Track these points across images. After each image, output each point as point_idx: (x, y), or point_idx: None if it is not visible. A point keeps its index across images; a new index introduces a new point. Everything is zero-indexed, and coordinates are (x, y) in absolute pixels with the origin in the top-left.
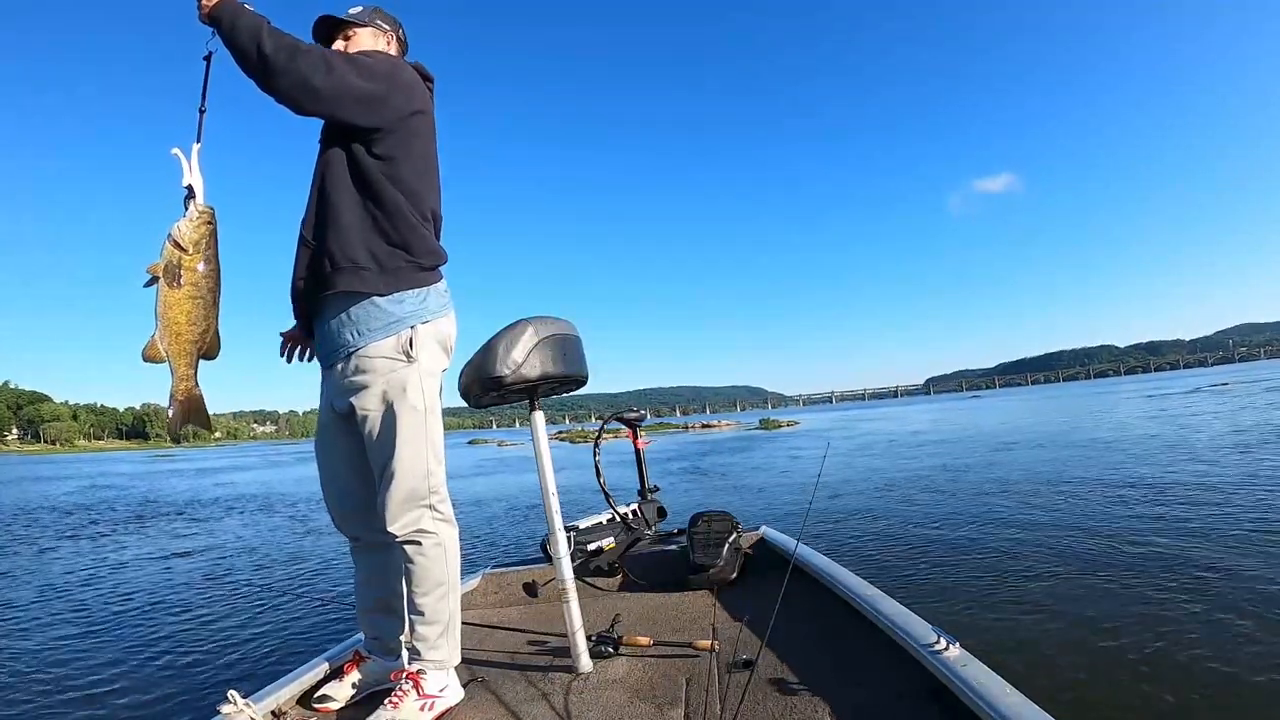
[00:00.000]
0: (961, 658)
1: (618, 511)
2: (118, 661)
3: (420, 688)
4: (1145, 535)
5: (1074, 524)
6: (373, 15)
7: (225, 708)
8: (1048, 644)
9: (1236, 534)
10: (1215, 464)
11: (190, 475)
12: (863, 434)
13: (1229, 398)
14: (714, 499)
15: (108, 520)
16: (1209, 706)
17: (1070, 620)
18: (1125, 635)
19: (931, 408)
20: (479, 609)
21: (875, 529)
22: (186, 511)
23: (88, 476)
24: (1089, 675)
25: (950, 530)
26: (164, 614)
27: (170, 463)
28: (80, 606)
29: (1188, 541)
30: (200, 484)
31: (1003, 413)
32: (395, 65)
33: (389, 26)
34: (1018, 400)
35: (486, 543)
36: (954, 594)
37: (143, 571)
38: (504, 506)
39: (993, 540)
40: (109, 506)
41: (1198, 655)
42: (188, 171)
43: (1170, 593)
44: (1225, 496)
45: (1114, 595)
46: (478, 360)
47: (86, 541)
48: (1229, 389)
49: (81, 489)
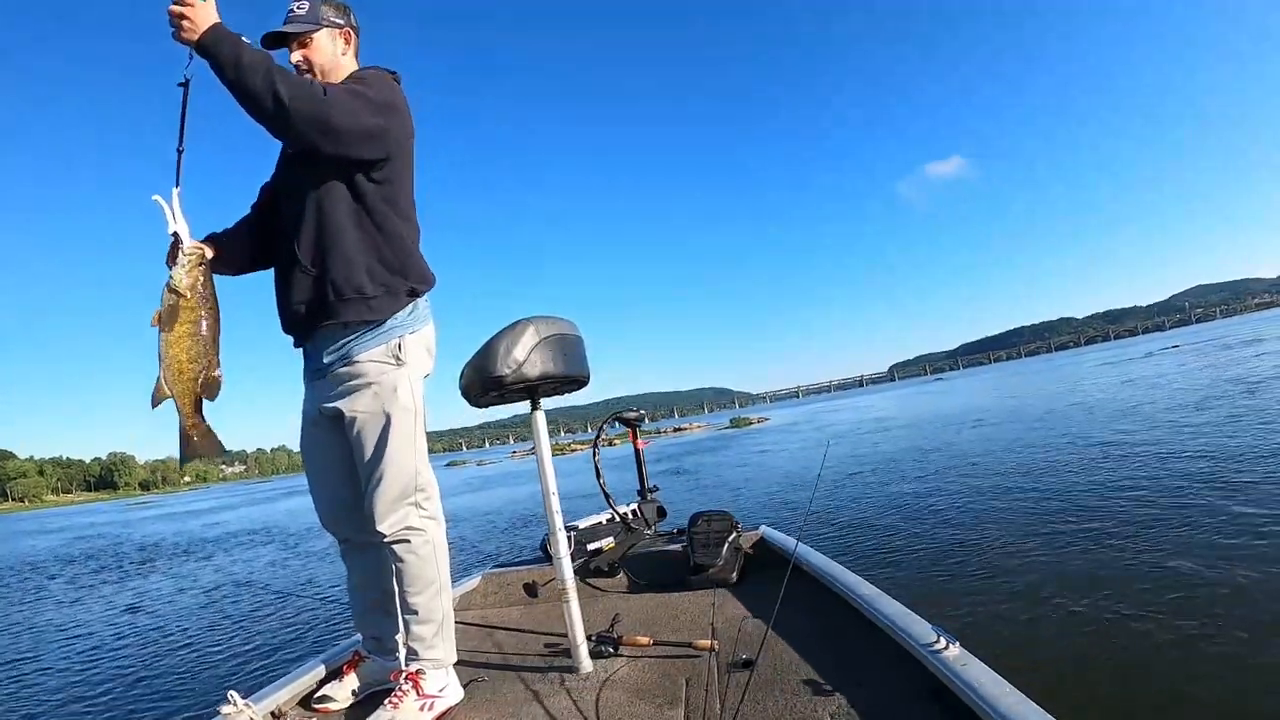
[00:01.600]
0: (961, 657)
1: (618, 511)
2: (120, 662)
3: (420, 688)
4: (1145, 535)
5: (1074, 524)
6: (321, 11)
7: (225, 708)
8: (1048, 644)
9: (1230, 519)
10: (1194, 436)
11: (181, 518)
12: (832, 424)
13: (1183, 357)
14: (712, 499)
15: (114, 564)
16: (1209, 705)
17: (1070, 620)
18: (1126, 635)
19: (893, 394)
20: (479, 609)
21: (875, 528)
22: (194, 551)
23: (76, 528)
24: (1089, 675)
25: (950, 530)
26: (165, 616)
27: (155, 509)
28: (84, 615)
29: (1186, 540)
30: (192, 525)
31: (965, 396)
32: (392, 91)
33: (341, 20)
34: (979, 380)
35: (486, 543)
36: (954, 593)
37: (147, 596)
38: (501, 514)
39: (992, 540)
40: (108, 553)
41: (1198, 654)
42: (171, 219)
43: (1171, 592)
44: (1221, 481)
45: (1114, 595)
46: (478, 360)
47: (93, 582)
48: (1180, 350)
49: (71, 540)
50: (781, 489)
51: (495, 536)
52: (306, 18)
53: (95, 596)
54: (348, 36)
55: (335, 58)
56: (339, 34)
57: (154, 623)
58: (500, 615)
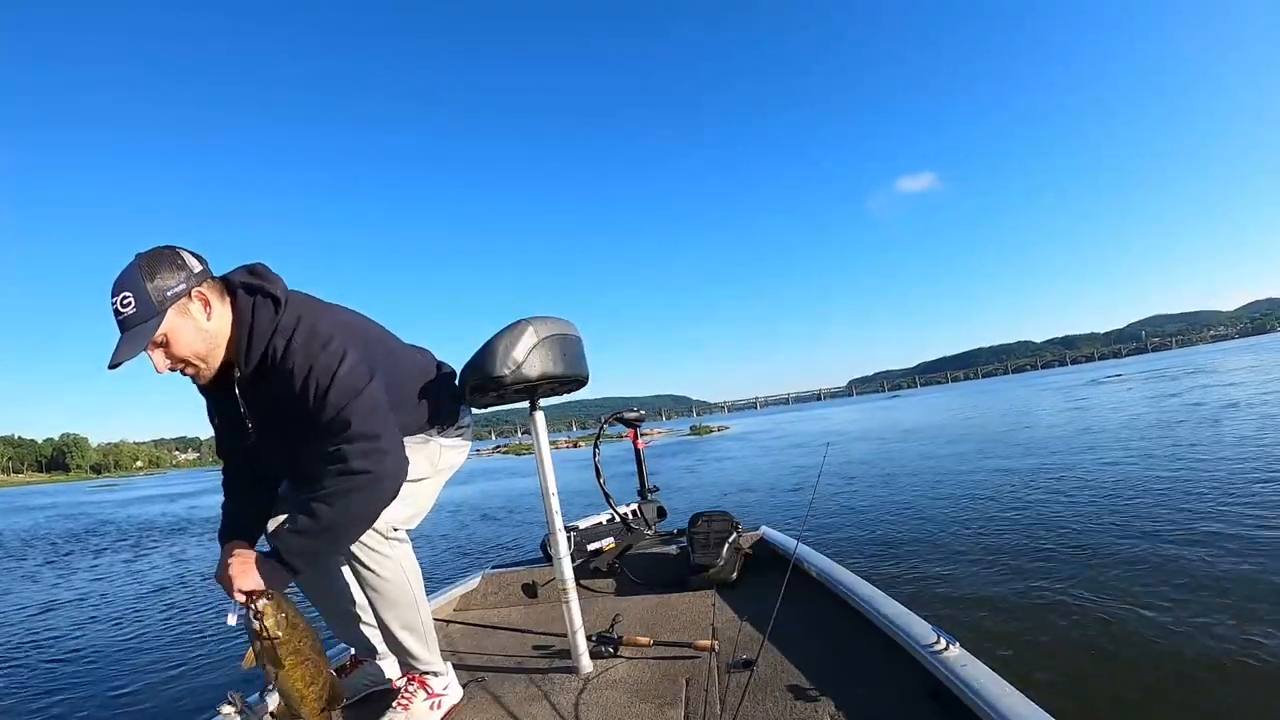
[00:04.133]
0: (961, 658)
1: (617, 512)
2: (120, 662)
3: (427, 686)
4: (1144, 532)
5: (1074, 523)
6: (151, 292)
7: (225, 708)
8: (1048, 644)
9: (1230, 521)
10: (1178, 453)
11: (162, 501)
12: (793, 433)
13: (1118, 387)
14: (712, 499)
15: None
16: (1209, 704)
17: (1070, 620)
18: (1125, 634)
19: (853, 409)
20: (479, 609)
21: (875, 529)
22: (186, 530)
23: (54, 507)
24: (1089, 674)
25: (950, 531)
26: (165, 615)
27: (126, 491)
28: (83, 613)
29: (1184, 538)
30: (174, 508)
31: (918, 411)
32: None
33: (183, 283)
34: (935, 397)
35: (486, 543)
36: (954, 594)
37: (144, 581)
38: (499, 512)
39: (992, 541)
40: (91, 533)
41: (1198, 654)
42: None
43: (1171, 592)
44: (1211, 489)
45: (1114, 595)
46: (477, 360)
47: (89, 560)
48: (1123, 379)
49: (54, 518)
50: (787, 493)
51: (492, 532)
52: (141, 313)
53: (69, 586)
54: (203, 297)
55: (203, 331)
56: (191, 300)
57: (154, 621)
58: (500, 615)
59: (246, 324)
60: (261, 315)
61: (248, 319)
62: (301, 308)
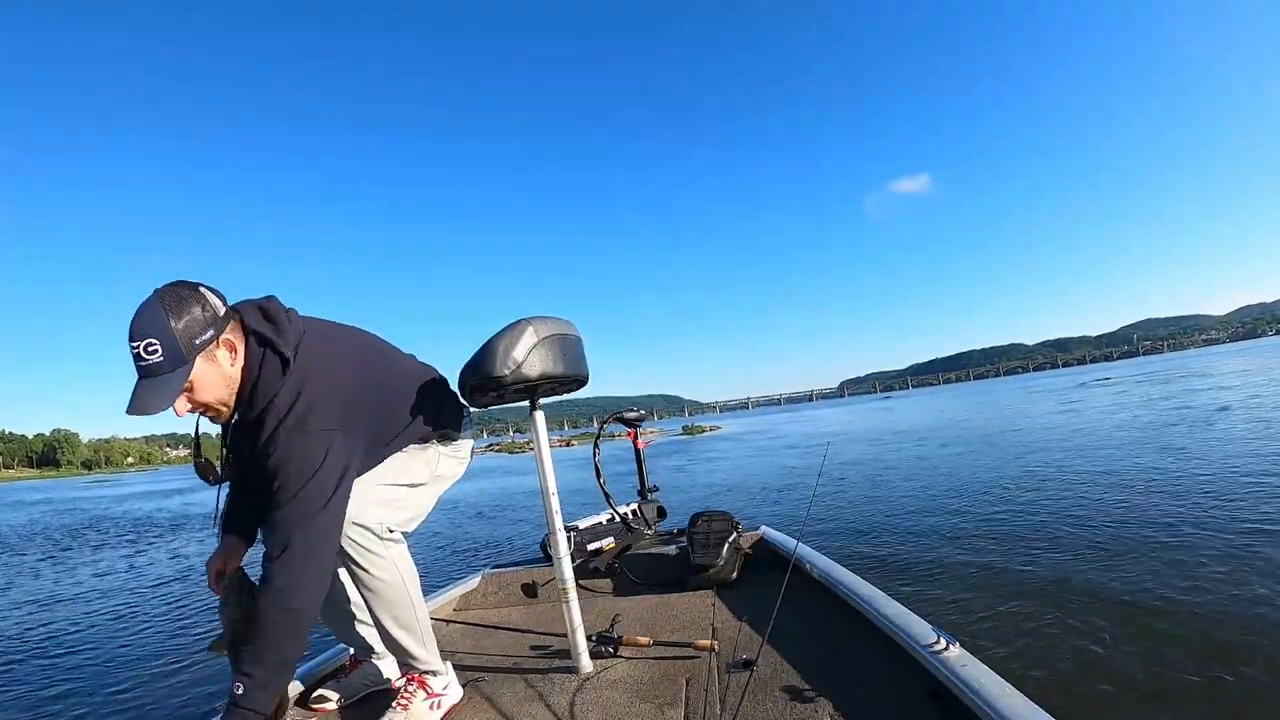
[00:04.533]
0: (961, 658)
1: (617, 511)
2: (119, 662)
3: (427, 686)
4: (1144, 536)
5: (1073, 523)
6: (182, 339)
7: None
8: (1048, 644)
9: (1227, 523)
10: (1162, 454)
11: (157, 497)
12: (787, 434)
13: (1111, 388)
14: (710, 499)
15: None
16: (1209, 704)
17: (1070, 620)
18: (1126, 634)
19: (846, 410)
20: (479, 609)
21: (874, 529)
22: (173, 534)
23: (49, 503)
24: (1088, 675)
25: (949, 531)
26: (164, 615)
27: (119, 487)
28: (81, 612)
29: (1183, 538)
30: (169, 504)
31: (917, 411)
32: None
33: (211, 329)
34: (928, 398)
35: (486, 543)
36: (954, 594)
37: (144, 578)
38: (495, 511)
39: (992, 541)
40: (90, 528)
41: (1198, 654)
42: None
43: (1170, 592)
44: (1208, 490)
45: (1114, 596)
46: (477, 360)
47: (89, 555)
48: (1111, 382)
49: (50, 514)
50: (787, 492)
51: (492, 532)
52: (169, 362)
53: (72, 581)
54: (229, 344)
55: (227, 377)
56: (218, 347)
57: (153, 620)
58: (500, 615)
59: (252, 378)
60: (267, 374)
61: (254, 373)
62: (303, 379)
